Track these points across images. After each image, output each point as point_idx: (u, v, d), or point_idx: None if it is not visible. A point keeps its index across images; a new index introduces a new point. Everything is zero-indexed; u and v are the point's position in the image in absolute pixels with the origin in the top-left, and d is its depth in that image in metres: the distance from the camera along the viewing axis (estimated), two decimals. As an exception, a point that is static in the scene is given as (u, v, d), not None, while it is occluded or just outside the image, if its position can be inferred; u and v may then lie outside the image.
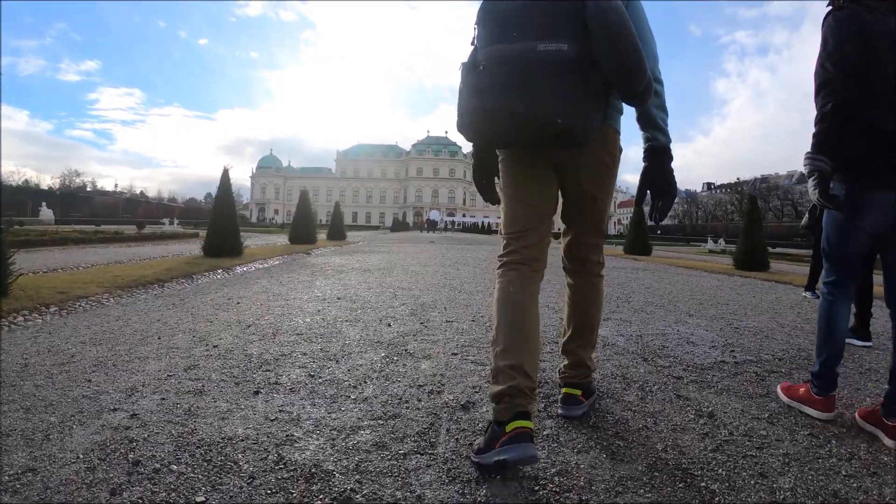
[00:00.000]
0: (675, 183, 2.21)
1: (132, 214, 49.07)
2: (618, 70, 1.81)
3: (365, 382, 2.79)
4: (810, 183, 2.39)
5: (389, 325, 4.32)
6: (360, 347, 3.54)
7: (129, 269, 7.58)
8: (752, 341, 4.27)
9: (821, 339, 2.65)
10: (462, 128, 2.02)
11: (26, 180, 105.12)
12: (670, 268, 13.10)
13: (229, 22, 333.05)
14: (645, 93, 1.88)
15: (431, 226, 69.86)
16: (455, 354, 3.42)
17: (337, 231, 23.57)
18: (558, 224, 2.53)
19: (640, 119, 2.24)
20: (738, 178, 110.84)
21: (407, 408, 2.46)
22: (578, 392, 2.45)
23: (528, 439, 1.81)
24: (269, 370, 2.98)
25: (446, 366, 3.16)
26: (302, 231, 17.60)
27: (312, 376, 2.88)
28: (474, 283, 7.54)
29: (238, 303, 5.25)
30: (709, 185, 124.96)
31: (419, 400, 2.56)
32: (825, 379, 2.60)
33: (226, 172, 11.15)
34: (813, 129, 2.39)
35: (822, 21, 2.47)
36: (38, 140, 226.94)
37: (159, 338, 3.68)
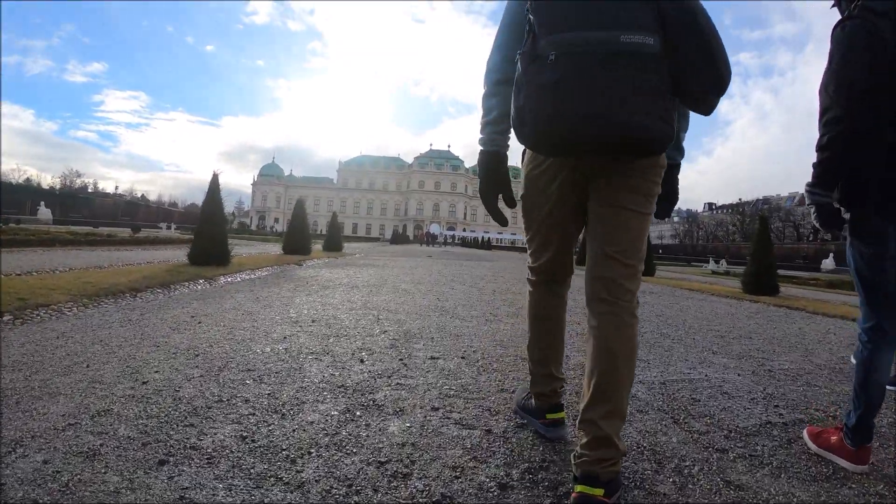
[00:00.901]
0: (677, 192, 2.32)
1: (131, 217, 49.17)
2: (709, 79, 1.68)
3: (309, 454, 2.07)
4: (812, 214, 2.32)
5: (363, 360, 3.60)
6: (317, 394, 2.81)
7: (105, 276, 7.14)
8: (794, 390, 3.59)
9: (857, 390, 2.37)
10: (521, 128, 1.74)
11: (28, 178, 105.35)
12: (677, 290, 12.61)
13: (236, 29, 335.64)
14: (716, 101, 1.78)
15: (431, 239, 69.60)
16: (435, 410, 2.69)
17: (333, 242, 23.05)
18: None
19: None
20: (739, 199, 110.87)
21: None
22: (600, 492, 1.71)
23: (561, 424, 2.43)
24: (192, 425, 2.29)
25: (422, 428, 2.44)
26: (296, 241, 17.03)
27: (244, 438, 2.17)
28: (469, 306, 6.83)
29: (199, 322, 4.60)
30: (710, 205, 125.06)
31: (376, 490, 1.83)
32: (860, 431, 2.33)
33: (215, 177, 10.84)
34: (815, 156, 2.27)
35: (830, 33, 2.25)
36: (42, 139, 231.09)
37: (87, 366, 3.07)
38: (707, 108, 1.80)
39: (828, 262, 45.41)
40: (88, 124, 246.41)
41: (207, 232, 10.22)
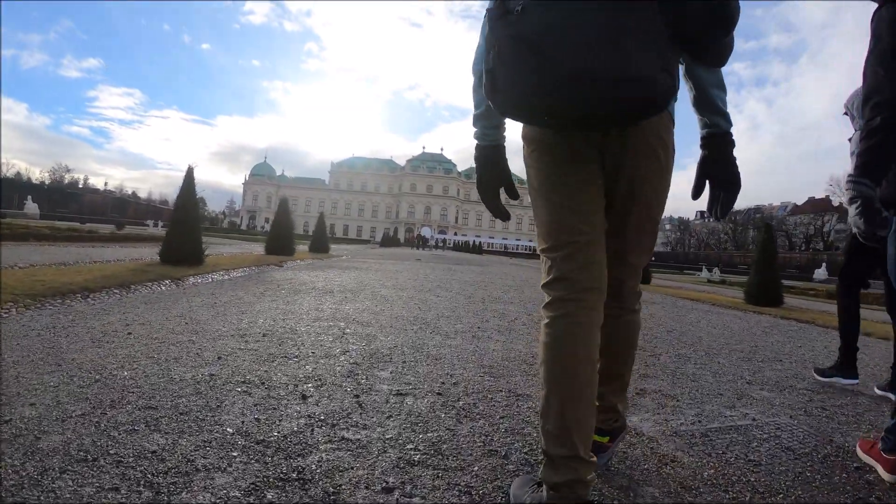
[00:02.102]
0: (738, 173, 1.77)
1: (120, 214, 48.79)
2: (712, 13, 1.41)
3: None
4: (852, 211, 2.13)
5: (305, 396, 2.70)
6: (221, 456, 1.91)
7: (62, 274, 6.46)
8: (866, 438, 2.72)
9: None
10: (494, 95, 1.48)
11: (18, 172, 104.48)
12: (678, 301, 11.87)
13: (233, 29, 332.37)
14: (727, 49, 1.59)
15: (423, 242, 68.99)
16: (388, 492, 1.78)
17: (320, 243, 22.17)
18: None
19: (697, 102, 1.79)
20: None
21: None
22: (605, 439, 2.06)
23: None
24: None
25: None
26: (280, 241, 16.17)
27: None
28: (453, 318, 5.94)
29: (130, 333, 3.83)
30: (702, 213, 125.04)
31: None
32: None
33: (190, 172, 9.97)
34: (857, 149, 2.14)
35: (871, 17, 2.17)
36: (35, 134, 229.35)
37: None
38: (717, 57, 1.62)
39: (820, 272, 45.37)
40: (82, 120, 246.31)
41: (181, 229, 9.51)
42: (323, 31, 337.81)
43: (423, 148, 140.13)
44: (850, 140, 4.09)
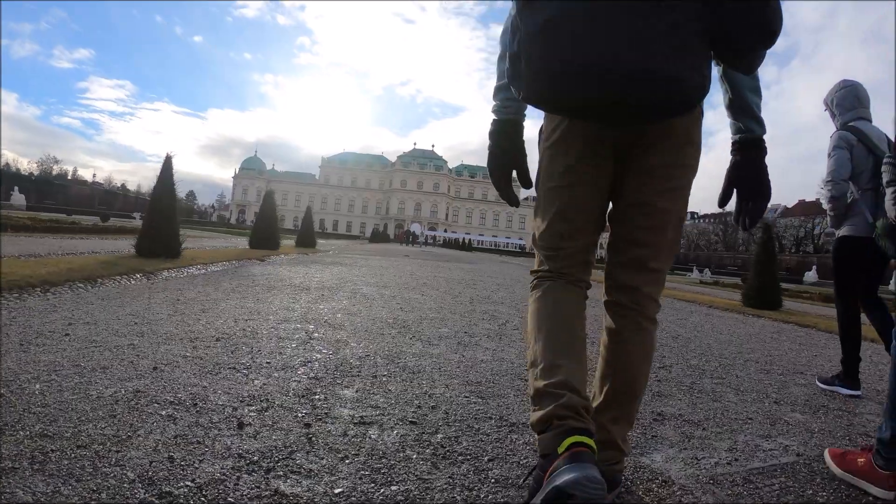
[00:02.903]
0: (769, 182, 1.71)
1: (108, 206, 48.28)
2: (756, 27, 1.38)
3: None
4: (889, 195, 2.11)
5: (243, 423, 2.11)
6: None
7: (25, 266, 5.93)
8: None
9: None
10: (516, 81, 1.49)
11: (6, 163, 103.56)
12: (676, 301, 11.57)
13: (226, 22, 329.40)
14: (761, 59, 1.52)
15: (413, 238, 68.48)
16: None
17: (306, 238, 21.73)
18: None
19: (731, 105, 1.72)
20: (722, 209, 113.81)
21: None
22: None
23: (589, 459, 1.29)
24: None
25: None
26: (264, 235, 15.74)
27: None
28: (438, 320, 5.36)
29: (67, 335, 3.31)
30: (693, 214, 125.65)
31: None
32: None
33: (168, 160, 9.51)
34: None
35: None
36: (25, 124, 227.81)
37: None
38: (750, 65, 1.54)
39: (810, 275, 45.40)
40: (72, 111, 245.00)
41: (158, 221, 9.03)
42: (315, 25, 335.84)
43: (415, 144, 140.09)
44: (831, 137, 3.93)
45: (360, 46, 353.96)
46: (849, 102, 3.97)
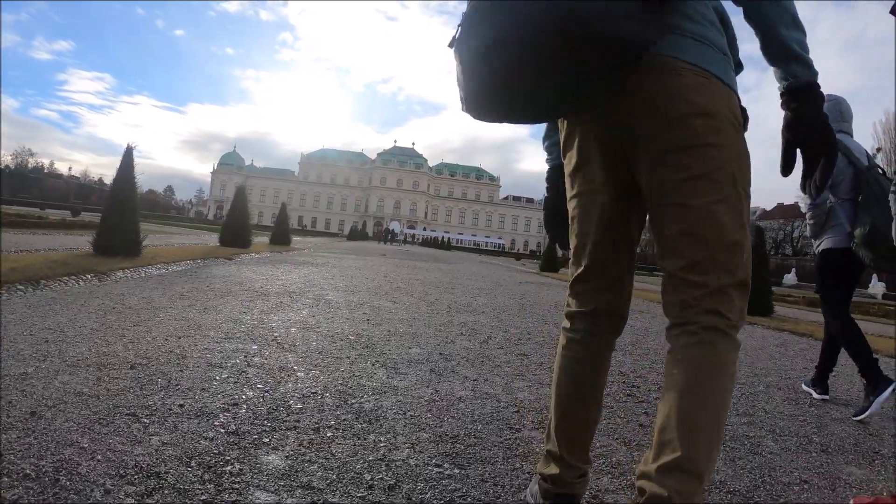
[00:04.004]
0: (832, 133, 1.38)
1: (84, 201, 47.34)
2: None
3: None
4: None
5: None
6: None
7: None
8: None
9: None
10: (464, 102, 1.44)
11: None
12: None
13: (208, 16, 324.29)
14: None
15: (391, 237, 67.66)
16: None
17: (281, 235, 21.00)
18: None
19: (765, 48, 1.40)
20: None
21: None
22: None
23: None
24: None
25: None
26: (235, 232, 14.99)
27: None
28: (409, 337, 4.62)
29: None
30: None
31: None
32: None
33: (129, 152, 8.89)
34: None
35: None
36: (3, 116, 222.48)
37: None
38: None
39: (789, 277, 45.56)
40: (51, 103, 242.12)
41: (115, 217, 8.45)
42: (298, 21, 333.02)
43: (395, 142, 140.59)
44: None
45: (343, 43, 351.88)
46: (832, 116, 3.90)
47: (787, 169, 1.44)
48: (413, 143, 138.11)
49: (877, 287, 31.99)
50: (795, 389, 4.21)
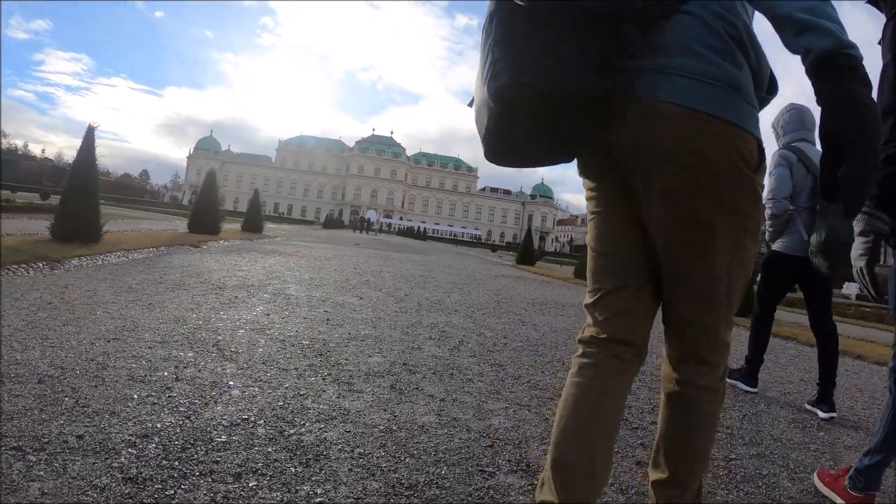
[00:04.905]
0: (868, 116, 1.08)
1: (56, 184, 46.41)
2: None
3: None
4: (858, 245, 1.83)
5: None
6: None
7: None
8: None
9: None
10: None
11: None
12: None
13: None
14: None
15: (367, 225, 67.00)
16: None
17: (253, 222, 20.36)
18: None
19: (776, 28, 1.21)
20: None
21: None
22: None
23: None
24: None
25: None
26: (204, 218, 14.36)
27: None
28: (372, 341, 4.14)
29: None
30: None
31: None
32: (871, 475, 2.08)
33: (90, 132, 8.43)
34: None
35: (882, 31, 1.93)
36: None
37: None
38: None
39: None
40: (27, 84, 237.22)
41: (75, 200, 7.95)
42: (279, 6, 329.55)
43: (373, 130, 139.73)
44: (772, 155, 3.99)
45: (324, 29, 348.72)
46: (794, 124, 4.05)
47: (829, 192, 1.17)
48: (391, 132, 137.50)
49: (850, 288, 32.15)
50: (798, 407, 3.84)
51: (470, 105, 1.51)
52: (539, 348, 4.60)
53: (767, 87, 1.39)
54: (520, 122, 1.34)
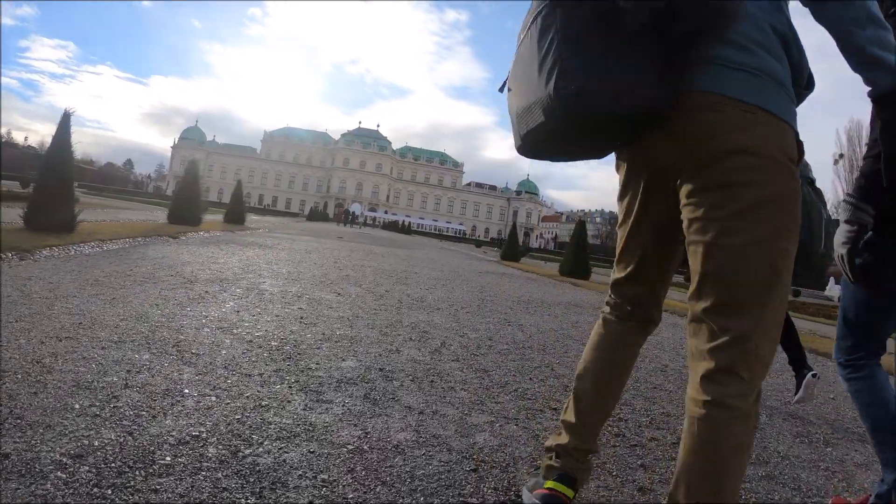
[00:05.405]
0: None
1: (38, 171, 46.22)
2: None
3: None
4: (842, 233, 1.87)
5: None
6: None
7: None
8: None
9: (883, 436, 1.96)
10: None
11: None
12: None
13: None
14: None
15: (352, 218, 66.66)
16: None
17: (235, 214, 20.16)
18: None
19: (844, 53, 1.34)
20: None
21: None
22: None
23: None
24: None
25: None
26: (184, 209, 14.11)
27: None
28: (347, 342, 3.86)
29: None
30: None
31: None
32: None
33: (66, 118, 8.13)
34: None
35: None
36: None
37: None
38: None
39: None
40: (11, 70, 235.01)
41: (49, 189, 7.80)
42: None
43: (360, 123, 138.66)
44: None
45: (313, 21, 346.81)
46: None
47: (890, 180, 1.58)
48: (378, 126, 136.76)
49: (833, 290, 32.34)
50: (802, 419, 3.64)
51: (501, 90, 1.57)
52: (526, 352, 4.34)
53: (805, 82, 1.42)
54: (582, 127, 1.31)
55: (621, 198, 1.64)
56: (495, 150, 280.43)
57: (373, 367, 3.21)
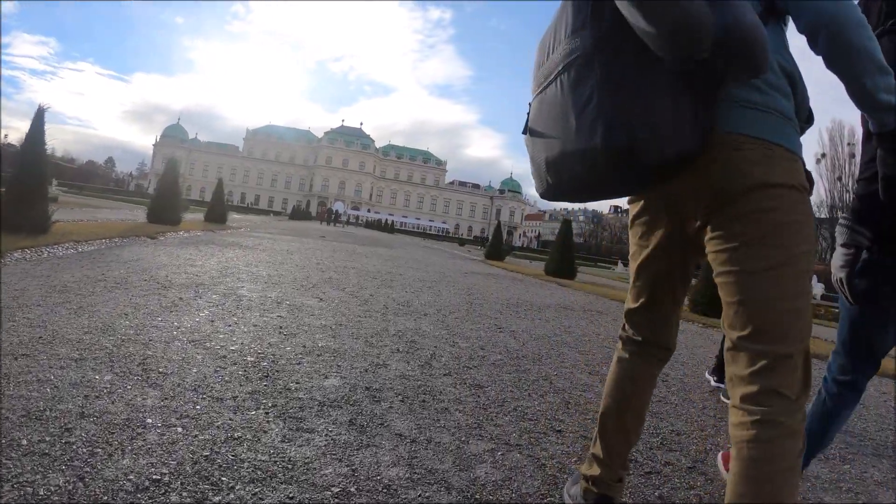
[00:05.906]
0: None
1: None
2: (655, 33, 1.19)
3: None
4: (839, 256, 1.91)
5: None
6: None
7: None
8: None
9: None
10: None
11: None
12: (620, 305, 9.84)
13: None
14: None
15: (335, 217, 66.29)
16: None
17: (216, 213, 19.93)
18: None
19: (852, 96, 1.42)
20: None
21: None
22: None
23: None
24: None
25: None
26: (164, 208, 13.80)
27: None
28: (329, 355, 3.58)
29: None
30: (616, 208, 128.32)
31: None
32: None
33: (40, 114, 7.87)
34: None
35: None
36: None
37: None
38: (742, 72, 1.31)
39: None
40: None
41: (22, 187, 7.46)
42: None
43: (343, 121, 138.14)
44: None
45: (296, 18, 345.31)
46: None
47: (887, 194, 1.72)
48: (361, 124, 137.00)
49: (816, 288, 32.50)
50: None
51: (524, 132, 1.60)
52: (521, 362, 4.08)
53: (806, 116, 1.51)
54: (626, 176, 1.36)
55: (633, 227, 1.70)
56: (478, 148, 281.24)
57: (358, 386, 2.94)
